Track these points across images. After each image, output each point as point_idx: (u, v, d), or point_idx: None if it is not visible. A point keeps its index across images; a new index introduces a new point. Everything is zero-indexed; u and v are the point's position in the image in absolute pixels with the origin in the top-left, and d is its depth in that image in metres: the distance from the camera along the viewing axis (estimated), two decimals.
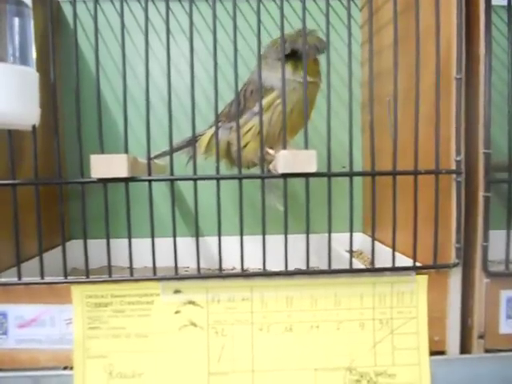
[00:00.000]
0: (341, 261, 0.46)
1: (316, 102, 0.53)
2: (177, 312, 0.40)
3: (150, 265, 0.40)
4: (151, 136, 0.39)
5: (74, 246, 0.44)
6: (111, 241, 0.39)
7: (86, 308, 0.40)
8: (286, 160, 0.38)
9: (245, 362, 0.40)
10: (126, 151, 0.38)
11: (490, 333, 0.42)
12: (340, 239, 0.48)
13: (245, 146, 0.50)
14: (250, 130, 0.51)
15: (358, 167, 0.67)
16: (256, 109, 0.49)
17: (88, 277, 0.39)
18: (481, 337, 0.42)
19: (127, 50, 0.40)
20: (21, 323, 0.40)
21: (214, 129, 0.47)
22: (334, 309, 0.41)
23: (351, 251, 0.41)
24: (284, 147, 0.40)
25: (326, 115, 0.40)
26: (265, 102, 0.49)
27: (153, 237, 0.39)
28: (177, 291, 0.40)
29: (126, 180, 0.38)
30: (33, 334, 0.40)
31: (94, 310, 0.40)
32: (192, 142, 0.43)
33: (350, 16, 0.40)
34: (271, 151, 0.50)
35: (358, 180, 0.67)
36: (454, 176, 0.40)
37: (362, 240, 0.68)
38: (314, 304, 0.41)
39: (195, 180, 0.40)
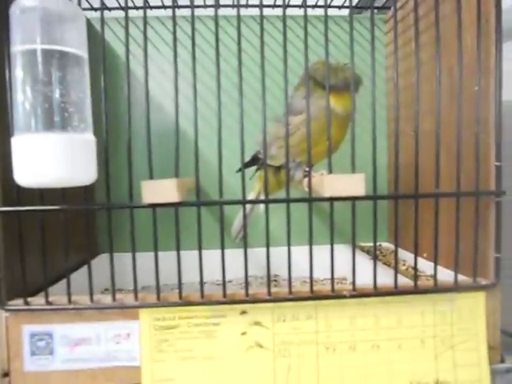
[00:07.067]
0: (388, 274, 0.47)
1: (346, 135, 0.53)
2: (243, 333, 0.41)
3: (196, 279, 0.40)
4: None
5: (104, 263, 0.40)
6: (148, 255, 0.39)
7: (154, 331, 0.40)
8: (333, 184, 0.39)
9: (311, 382, 0.40)
10: (177, 175, 0.39)
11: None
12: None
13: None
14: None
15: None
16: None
17: (159, 300, 0.39)
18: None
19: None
20: (67, 343, 0.40)
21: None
22: (396, 327, 0.42)
23: (396, 270, 0.42)
24: (330, 171, 0.40)
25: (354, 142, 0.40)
26: (293, 122, 0.50)
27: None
28: (243, 312, 0.41)
29: (175, 205, 0.38)
30: (79, 353, 0.40)
31: (161, 333, 0.40)
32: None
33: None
34: (315, 174, 0.51)
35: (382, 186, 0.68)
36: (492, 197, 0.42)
37: (387, 247, 0.70)
38: (376, 322, 0.41)
39: (244, 203, 0.40)
